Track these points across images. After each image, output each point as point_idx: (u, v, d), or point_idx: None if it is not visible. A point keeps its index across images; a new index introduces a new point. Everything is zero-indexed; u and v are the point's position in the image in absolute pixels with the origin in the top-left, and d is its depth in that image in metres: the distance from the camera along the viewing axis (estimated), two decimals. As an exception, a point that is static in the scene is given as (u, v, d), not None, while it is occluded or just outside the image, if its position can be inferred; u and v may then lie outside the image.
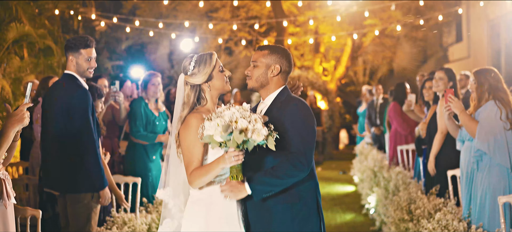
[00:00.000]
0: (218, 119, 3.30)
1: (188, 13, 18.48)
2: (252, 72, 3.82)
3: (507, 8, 14.76)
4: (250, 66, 3.85)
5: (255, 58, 3.82)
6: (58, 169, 4.98)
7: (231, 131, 3.26)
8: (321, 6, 17.73)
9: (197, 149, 3.54)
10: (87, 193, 4.96)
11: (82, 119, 4.90)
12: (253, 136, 3.30)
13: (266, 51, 3.81)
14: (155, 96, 6.98)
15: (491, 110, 5.28)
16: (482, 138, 5.26)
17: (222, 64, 3.80)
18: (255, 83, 3.80)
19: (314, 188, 3.72)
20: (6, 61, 11.13)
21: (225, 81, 3.77)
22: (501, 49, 16.43)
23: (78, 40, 5.03)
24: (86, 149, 4.91)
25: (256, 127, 3.31)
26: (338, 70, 19.24)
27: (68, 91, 4.97)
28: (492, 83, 5.38)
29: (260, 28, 19.06)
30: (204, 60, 3.71)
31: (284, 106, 3.66)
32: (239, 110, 3.36)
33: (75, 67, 5.03)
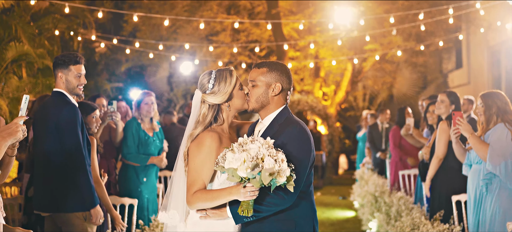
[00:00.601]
0: (244, 153, 3.08)
1: (188, 36, 18.48)
2: (251, 92, 3.56)
3: (507, 34, 14.77)
4: (249, 85, 3.59)
5: (254, 77, 3.56)
6: (48, 187, 4.86)
7: (259, 171, 3.06)
8: (322, 31, 17.74)
9: (206, 170, 3.35)
10: (78, 212, 4.83)
11: (70, 136, 4.80)
12: (278, 177, 3.10)
13: (264, 69, 3.55)
14: (149, 116, 6.85)
15: (502, 133, 5.22)
16: (494, 161, 5.18)
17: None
18: (255, 104, 3.56)
19: (311, 215, 3.53)
20: (5, 80, 11.07)
21: (245, 99, 3.57)
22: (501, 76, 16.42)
23: (67, 57, 4.95)
24: (75, 166, 4.81)
25: (282, 168, 3.10)
26: (338, 95, 19.19)
27: (56, 109, 4.87)
28: (500, 106, 5.34)
29: (260, 52, 19.05)
30: (224, 78, 3.50)
31: (281, 128, 3.45)
32: (264, 145, 3.15)
33: (64, 84, 4.94)
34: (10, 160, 3.65)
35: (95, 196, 4.93)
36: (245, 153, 3.09)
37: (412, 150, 9.48)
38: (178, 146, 3.76)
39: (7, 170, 3.69)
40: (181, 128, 9.73)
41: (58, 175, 4.82)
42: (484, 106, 5.41)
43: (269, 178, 3.05)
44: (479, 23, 15.70)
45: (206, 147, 3.35)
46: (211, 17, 17.94)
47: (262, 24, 18.22)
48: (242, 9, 19.30)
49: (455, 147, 5.74)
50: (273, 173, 3.06)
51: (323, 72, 19.49)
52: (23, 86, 11.09)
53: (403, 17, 15.80)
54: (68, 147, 4.79)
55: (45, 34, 12.84)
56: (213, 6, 18.64)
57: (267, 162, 3.07)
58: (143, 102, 6.82)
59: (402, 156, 9.51)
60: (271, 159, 3.08)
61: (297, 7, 18.31)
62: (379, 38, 17.08)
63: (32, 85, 11.27)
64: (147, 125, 6.86)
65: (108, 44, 17.24)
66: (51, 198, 4.84)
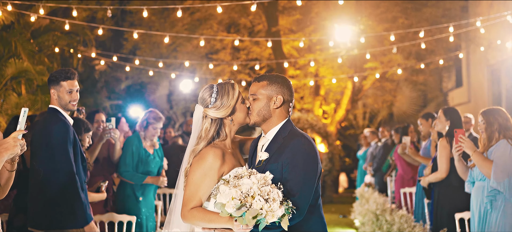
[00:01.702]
0: (235, 189, 3.01)
1: (188, 54, 18.50)
2: (252, 106, 3.50)
3: (507, 53, 14.76)
4: (249, 99, 3.55)
5: (254, 91, 3.51)
6: (41, 204, 4.82)
7: (245, 211, 2.98)
8: (322, 49, 17.76)
9: (204, 187, 3.28)
10: (70, 229, 4.77)
11: (61, 153, 4.76)
12: (267, 217, 3.01)
13: (265, 82, 3.50)
14: (152, 139, 6.77)
15: (505, 149, 5.18)
16: (498, 177, 5.13)
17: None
18: (257, 118, 3.50)
19: (321, 230, 3.46)
20: (4, 97, 11.02)
21: (247, 113, 3.52)
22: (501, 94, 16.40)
23: (58, 73, 4.93)
24: (67, 183, 4.76)
25: (272, 208, 3.00)
26: (338, 113, 19.16)
27: (48, 126, 4.87)
28: (501, 122, 5.31)
29: (260, 70, 19.05)
30: (227, 91, 3.45)
31: (286, 142, 3.38)
32: (259, 181, 3.06)
33: (57, 100, 4.93)
34: (10, 175, 3.57)
35: (88, 213, 4.88)
36: (235, 189, 3.01)
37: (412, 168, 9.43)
38: (176, 163, 3.70)
39: (7, 185, 3.61)
40: (180, 145, 9.66)
41: (50, 192, 4.79)
42: (486, 123, 5.38)
43: (254, 221, 2.97)
44: (479, 42, 15.72)
45: (208, 162, 3.28)
46: (211, 35, 17.97)
47: (262, 42, 18.24)
48: (242, 27, 19.35)
49: (457, 164, 5.70)
50: (256, 216, 2.97)
51: (323, 91, 19.48)
52: (22, 103, 11.03)
53: (403, 35, 15.82)
54: (59, 164, 4.75)
55: (45, 51, 12.81)
56: (213, 24, 18.69)
57: (255, 204, 2.98)
58: (151, 126, 6.70)
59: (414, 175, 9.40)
60: (261, 200, 2.99)
61: (297, 25, 18.35)
62: (379, 56, 17.10)
63: (31, 102, 11.21)
64: (148, 142, 6.79)
65: (108, 62, 17.22)
66: (44, 215, 4.81)
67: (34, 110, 11.08)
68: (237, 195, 2.99)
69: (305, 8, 17.85)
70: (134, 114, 16.76)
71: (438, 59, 16.33)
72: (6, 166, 3.54)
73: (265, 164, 3.38)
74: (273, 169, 3.28)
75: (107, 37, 18.61)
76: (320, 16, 17.71)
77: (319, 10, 17.82)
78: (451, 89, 21.07)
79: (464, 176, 5.70)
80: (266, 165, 3.36)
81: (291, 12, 18.57)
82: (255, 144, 3.63)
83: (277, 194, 3.04)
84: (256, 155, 3.57)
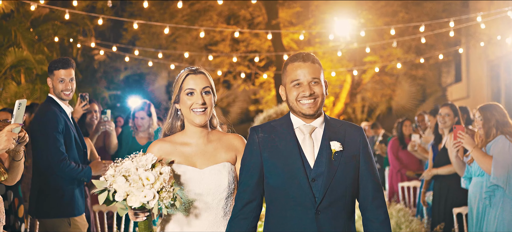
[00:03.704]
0: (109, 170, 2.89)
1: (187, 46, 18.47)
2: (317, 91, 2.96)
3: (507, 49, 14.78)
4: (307, 83, 2.95)
5: (316, 74, 2.96)
6: (36, 193, 4.89)
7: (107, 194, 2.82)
8: (321, 42, 17.74)
9: None
10: (59, 218, 4.80)
11: (50, 141, 4.77)
12: (128, 200, 2.80)
13: (317, 63, 3.00)
14: (141, 129, 6.66)
15: (504, 145, 5.19)
16: (498, 173, 5.14)
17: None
18: (321, 106, 2.99)
19: None
20: (3, 86, 11.01)
21: (192, 109, 3.13)
22: (500, 90, 16.42)
23: (53, 63, 4.97)
24: (55, 172, 4.79)
25: (132, 190, 2.78)
26: (337, 106, 19.16)
27: (38, 114, 4.93)
28: (498, 118, 5.32)
29: (260, 62, 19.04)
30: (177, 76, 3.27)
31: (344, 126, 3.04)
32: (129, 165, 2.86)
33: (52, 89, 4.95)
34: (17, 164, 3.56)
35: (78, 203, 4.90)
36: (109, 170, 2.91)
37: (410, 163, 9.44)
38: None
39: (14, 173, 3.62)
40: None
41: (42, 180, 4.85)
42: (483, 119, 5.38)
43: (105, 204, 2.85)
44: (479, 37, 15.71)
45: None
46: (211, 26, 17.94)
47: (261, 34, 18.22)
48: (242, 19, 19.32)
49: (454, 160, 5.70)
50: (111, 200, 2.82)
51: (322, 84, 19.47)
52: (22, 92, 11.02)
53: (403, 29, 15.81)
54: (48, 152, 4.77)
55: (44, 41, 12.79)
56: (213, 16, 18.65)
57: (115, 185, 2.83)
58: (136, 115, 6.68)
59: (402, 169, 9.47)
60: (122, 183, 2.82)
61: (297, 18, 18.33)
62: (379, 50, 17.08)
63: (30, 91, 11.21)
64: (141, 133, 6.74)
65: (107, 52, 17.21)
66: (37, 203, 4.86)
67: (33, 99, 11.07)
68: (104, 178, 2.89)
69: (305, 1, 17.83)
70: (133, 105, 16.76)
71: (437, 54, 16.32)
72: (11, 155, 3.55)
73: (340, 156, 2.95)
74: (349, 161, 2.97)
75: (107, 27, 18.60)
76: (320, 9, 17.69)
77: (319, 3, 17.80)
78: (450, 84, 21.09)
79: (461, 172, 5.72)
80: (341, 157, 2.95)
81: (291, 4, 18.55)
82: (290, 137, 3.01)
83: (155, 176, 2.85)
84: (306, 149, 2.99)
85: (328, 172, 2.89)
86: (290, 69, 3.01)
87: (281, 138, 2.99)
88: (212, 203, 3.10)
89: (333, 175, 2.89)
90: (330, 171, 2.89)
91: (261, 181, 3.01)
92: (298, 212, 2.89)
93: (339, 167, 2.91)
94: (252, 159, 3.01)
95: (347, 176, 2.94)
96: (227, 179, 3.12)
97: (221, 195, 3.11)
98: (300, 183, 2.88)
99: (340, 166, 2.92)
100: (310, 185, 2.88)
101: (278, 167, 2.94)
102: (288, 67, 3.02)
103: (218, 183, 3.10)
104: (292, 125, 3.02)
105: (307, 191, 2.88)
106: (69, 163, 4.78)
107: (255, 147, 3.01)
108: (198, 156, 3.16)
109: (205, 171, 3.11)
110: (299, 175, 2.89)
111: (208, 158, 3.16)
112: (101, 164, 5.14)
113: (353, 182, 2.97)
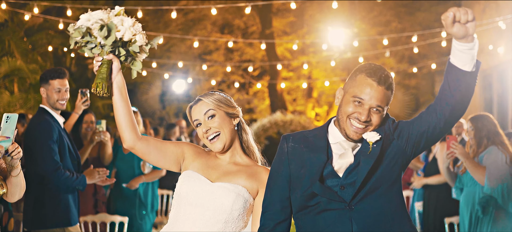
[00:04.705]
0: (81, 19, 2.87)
1: (181, 55, 18.50)
2: (373, 120, 2.64)
3: (499, 58, 14.85)
4: (368, 107, 2.61)
5: (383, 102, 2.62)
6: (30, 204, 4.86)
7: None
8: (315, 52, 17.82)
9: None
10: (55, 228, 4.79)
11: (43, 151, 4.76)
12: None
13: (391, 91, 2.66)
14: None
15: (497, 156, 5.21)
16: (492, 183, 5.16)
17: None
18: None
19: None
20: (-4, 95, 11.01)
21: (205, 137, 3.03)
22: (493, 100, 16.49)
23: (48, 72, 4.96)
24: (50, 182, 4.77)
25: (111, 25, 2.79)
26: (331, 115, 19.16)
27: (31, 125, 4.92)
28: (490, 129, 5.34)
29: (254, 71, 19.09)
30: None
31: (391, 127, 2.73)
32: (101, 14, 2.86)
33: (46, 99, 4.94)
34: (14, 180, 3.49)
35: (73, 212, 4.89)
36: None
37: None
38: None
39: (14, 189, 3.54)
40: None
41: (38, 190, 4.82)
42: (474, 130, 5.40)
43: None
44: (471, 47, 15.76)
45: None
46: (205, 36, 17.98)
47: (255, 44, 18.28)
48: (236, 28, 19.38)
49: (445, 171, 5.71)
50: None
51: (316, 93, 19.53)
52: (15, 101, 11.02)
53: (396, 39, 15.89)
54: (42, 163, 4.76)
55: (38, 50, 12.80)
56: (207, 25, 18.70)
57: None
58: None
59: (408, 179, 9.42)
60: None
61: (291, 27, 18.41)
62: (372, 59, 17.15)
63: (24, 100, 11.21)
64: None
65: (101, 61, 17.19)
66: (33, 213, 4.85)
67: (26, 109, 11.06)
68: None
69: (299, 11, 17.90)
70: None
71: (430, 63, 16.40)
72: (8, 170, 3.51)
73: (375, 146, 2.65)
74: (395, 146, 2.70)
75: (101, 37, 18.56)
76: (314, 19, 17.78)
77: (313, 13, 17.89)
78: (443, 93, 21.15)
79: (451, 182, 5.73)
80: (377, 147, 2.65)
81: (285, 14, 18.63)
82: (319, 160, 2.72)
83: (130, 20, 2.89)
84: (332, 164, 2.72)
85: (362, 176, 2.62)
86: (359, 81, 2.63)
87: (311, 149, 2.73)
88: (208, 221, 2.91)
89: (373, 172, 2.64)
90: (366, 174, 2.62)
91: (289, 196, 2.77)
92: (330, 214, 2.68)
93: (379, 158, 2.63)
94: (281, 169, 2.78)
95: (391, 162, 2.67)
96: (232, 201, 2.91)
97: (219, 216, 2.91)
98: (327, 196, 2.67)
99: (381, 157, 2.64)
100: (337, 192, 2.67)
101: (301, 181, 2.71)
102: (359, 78, 2.64)
103: (221, 201, 2.91)
104: (327, 136, 2.75)
105: (335, 197, 2.67)
106: (64, 172, 4.77)
107: (284, 156, 2.78)
108: (217, 170, 3.03)
109: (214, 185, 2.95)
110: (322, 190, 2.66)
111: (224, 175, 3.01)
112: (95, 171, 5.13)
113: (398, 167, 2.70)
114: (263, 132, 16.18)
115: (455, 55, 2.49)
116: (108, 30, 2.79)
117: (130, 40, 2.89)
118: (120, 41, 2.87)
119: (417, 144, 2.68)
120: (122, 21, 2.84)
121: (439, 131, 2.63)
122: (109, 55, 2.89)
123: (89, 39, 2.85)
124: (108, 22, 2.79)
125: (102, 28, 2.79)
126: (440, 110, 2.58)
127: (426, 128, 2.63)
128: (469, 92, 2.54)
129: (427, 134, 2.64)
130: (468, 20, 2.36)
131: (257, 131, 15.79)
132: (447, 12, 2.34)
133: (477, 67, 2.50)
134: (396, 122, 2.72)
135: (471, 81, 2.51)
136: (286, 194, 2.76)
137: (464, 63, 2.48)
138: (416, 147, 2.69)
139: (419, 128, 2.64)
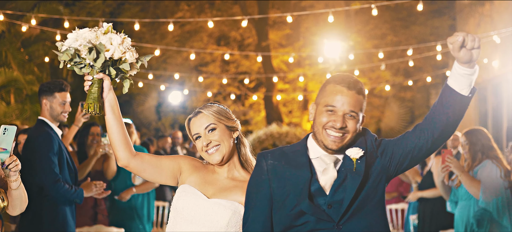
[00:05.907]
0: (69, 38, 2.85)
1: (178, 66, 18.55)
2: (349, 127, 2.58)
3: (494, 72, 14.94)
4: (341, 114, 2.57)
5: (356, 107, 2.58)
6: (27, 215, 4.81)
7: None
8: (311, 64, 17.90)
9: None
10: None
11: (44, 164, 4.75)
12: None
13: (362, 95, 2.61)
14: None
15: (491, 170, 5.23)
16: (487, 197, 5.19)
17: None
18: (347, 143, 2.61)
19: None
20: (-8, 106, 11.01)
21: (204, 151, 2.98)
22: (488, 113, 16.56)
23: (52, 84, 4.95)
24: (49, 194, 4.77)
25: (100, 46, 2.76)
26: (326, 128, 19.25)
27: (31, 137, 4.92)
28: (484, 143, 5.36)
29: (250, 84, 19.14)
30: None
31: (377, 143, 2.69)
32: (89, 34, 2.81)
33: (48, 111, 4.93)
34: (14, 193, 3.43)
35: (70, 225, 4.89)
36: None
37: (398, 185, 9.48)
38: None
39: (15, 203, 3.49)
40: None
41: (36, 202, 4.79)
42: (469, 144, 5.42)
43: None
44: (466, 60, 15.85)
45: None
46: (201, 48, 18.04)
47: (251, 56, 18.35)
48: (232, 40, 19.46)
49: (440, 184, 5.72)
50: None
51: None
52: (11, 112, 11.02)
53: (391, 52, 15.99)
54: (42, 175, 4.75)
55: (35, 61, 12.81)
56: (204, 37, 18.78)
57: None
58: None
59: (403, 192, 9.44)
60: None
61: (287, 40, 18.50)
62: (368, 72, 17.25)
63: (20, 111, 11.21)
64: None
65: (98, 72, 17.22)
66: (30, 225, 4.83)
67: (23, 120, 11.06)
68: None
69: (295, 23, 17.99)
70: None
71: (425, 76, 16.49)
72: (8, 184, 3.49)
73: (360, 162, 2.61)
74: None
75: (97, 48, 18.60)
76: (310, 31, 17.87)
77: (309, 26, 17.99)
78: (438, 106, 21.22)
79: (446, 196, 5.75)
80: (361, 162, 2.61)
81: (281, 26, 18.72)
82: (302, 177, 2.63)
83: (118, 38, 2.83)
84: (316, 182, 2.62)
85: (350, 194, 2.56)
86: (329, 91, 2.61)
87: (292, 165, 2.65)
88: None
89: (360, 191, 2.58)
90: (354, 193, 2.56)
91: (270, 216, 2.67)
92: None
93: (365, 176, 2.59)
94: (260, 188, 2.68)
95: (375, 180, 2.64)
96: (227, 218, 2.86)
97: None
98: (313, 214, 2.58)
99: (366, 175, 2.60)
100: (325, 211, 2.60)
101: (286, 200, 2.61)
102: (328, 88, 2.62)
103: (217, 218, 2.86)
104: (307, 152, 2.68)
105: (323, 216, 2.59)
106: (63, 184, 4.77)
107: (264, 175, 2.68)
108: (214, 185, 2.99)
109: (210, 201, 2.91)
110: (311, 209, 2.57)
111: (221, 191, 2.95)
112: (92, 185, 5.13)
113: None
114: (259, 144, 16.20)
115: (455, 78, 2.53)
116: (97, 53, 2.77)
117: (120, 59, 2.86)
118: (110, 60, 2.84)
119: (401, 163, 2.66)
120: (111, 40, 2.80)
121: (425, 151, 2.63)
122: (99, 74, 2.86)
123: (78, 60, 2.82)
124: (96, 43, 2.76)
125: (90, 51, 2.77)
126: (430, 130, 2.59)
127: (412, 147, 2.62)
128: (460, 115, 2.58)
129: (413, 153, 2.63)
130: (474, 47, 2.41)
131: (253, 143, 15.79)
132: (456, 36, 2.38)
133: (472, 93, 2.55)
134: (379, 140, 2.69)
135: (465, 105, 2.55)
136: (267, 213, 2.67)
137: (462, 87, 2.52)
138: (400, 166, 2.66)
139: (405, 147, 2.63)
